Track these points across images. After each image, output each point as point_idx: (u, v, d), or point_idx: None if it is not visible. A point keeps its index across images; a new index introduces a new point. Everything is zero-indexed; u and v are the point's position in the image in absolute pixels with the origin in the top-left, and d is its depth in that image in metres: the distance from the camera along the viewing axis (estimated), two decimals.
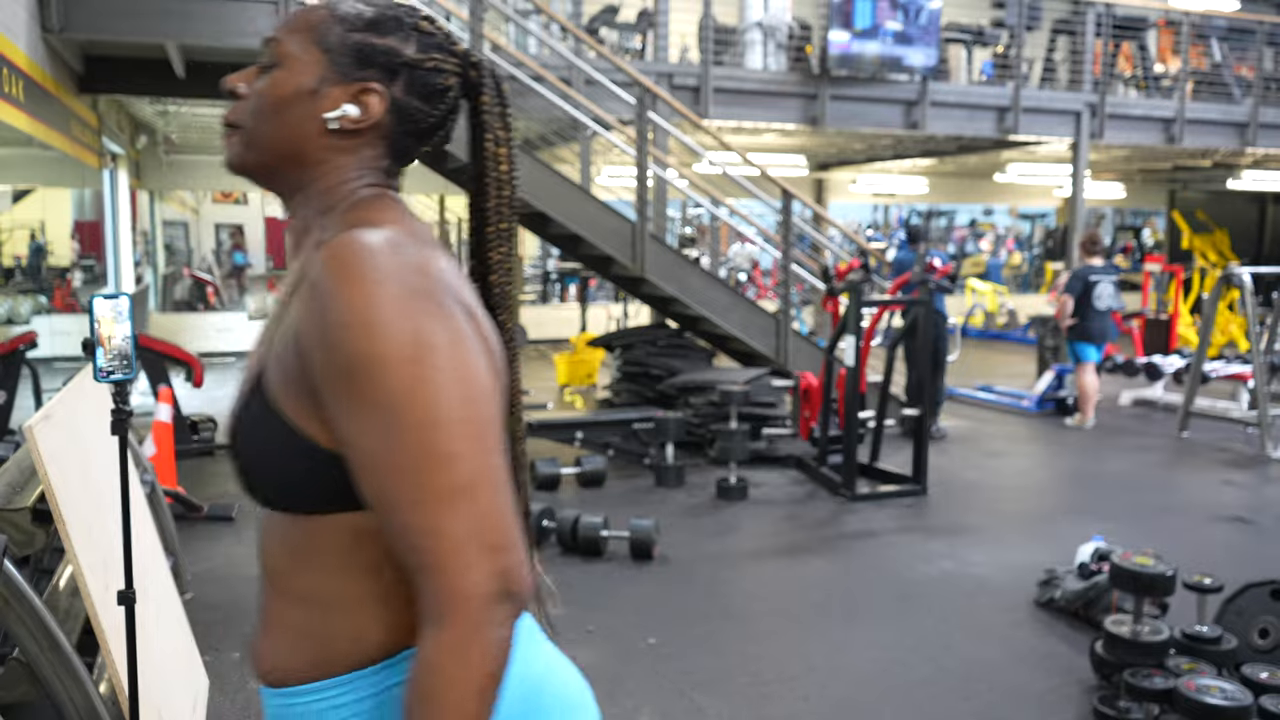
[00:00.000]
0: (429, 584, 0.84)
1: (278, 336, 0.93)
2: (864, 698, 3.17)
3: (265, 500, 0.97)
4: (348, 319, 0.84)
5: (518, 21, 7.51)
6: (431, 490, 0.84)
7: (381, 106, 0.99)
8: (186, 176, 12.39)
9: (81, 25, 5.48)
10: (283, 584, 0.96)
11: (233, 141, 1.02)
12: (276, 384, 0.91)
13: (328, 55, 0.99)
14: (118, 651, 2.13)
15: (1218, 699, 2.58)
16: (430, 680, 0.83)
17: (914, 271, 6.57)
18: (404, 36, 1.00)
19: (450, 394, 0.85)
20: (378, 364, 0.83)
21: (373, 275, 0.85)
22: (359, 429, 0.85)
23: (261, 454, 0.93)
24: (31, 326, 9.18)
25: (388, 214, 0.97)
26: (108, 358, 1.96)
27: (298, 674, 0.95)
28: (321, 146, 0.99)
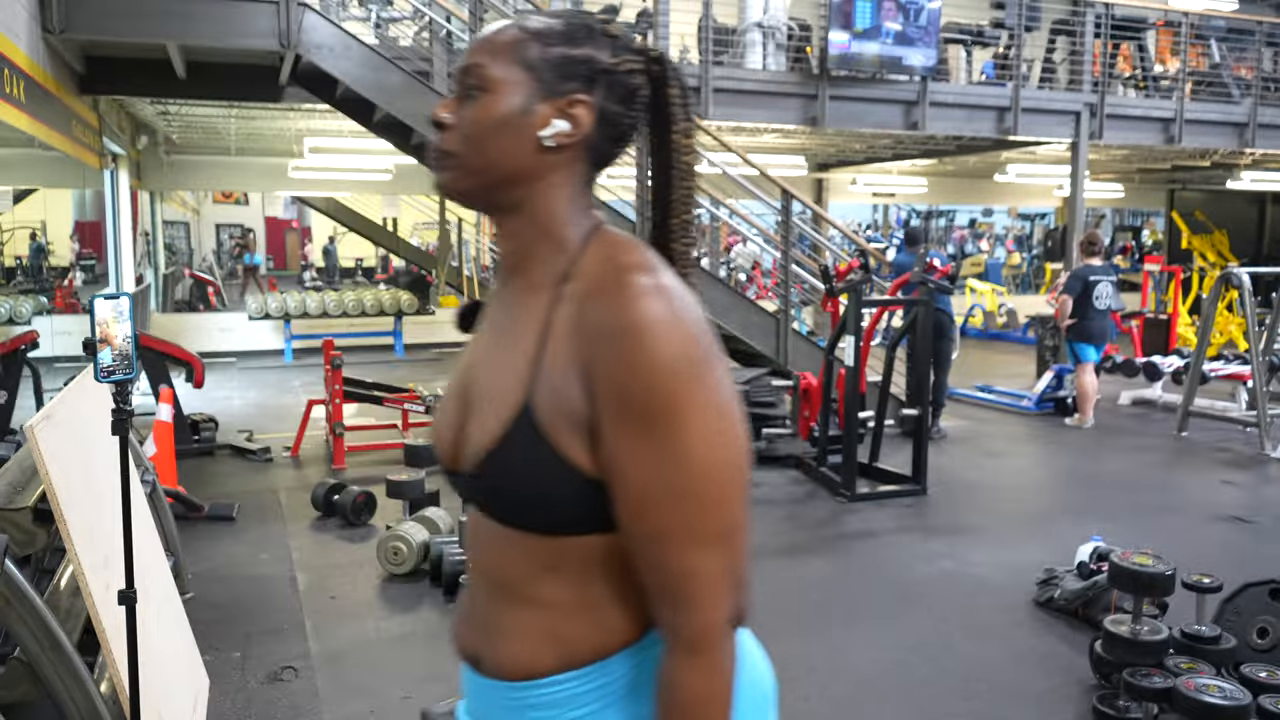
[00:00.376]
0: (682, 615, 0.95)
1: (546, 370, 0.97)
2: (864, 698, 3.18)
3: (516, 520, 1.01)
4: (653, 371, 0.90)
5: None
6: (701, 532, 0.93)
7: (590, 117, 1.01)
8: (187, 177, 12.38)
9: (82, 26, 5.49)
10: (522, 593, 1.03)
11: (447, 169, 1.03)
12: (549, 414, 0.96)
13: (531, 73, 1.00)
14: (118, 651, 2.14)
15: (1217, 698, 2.59)
16: (694, 701, 0.95)
17: (913, 272, 6.57)
18: (597, 44, 1.03)
19: (729, 449, 0.94)
20: (679, 416, 0.91)
21: (670, 329, 0.91)
22: (642, 466, 0.92)
23: (526, 479, 0.98)
24: (32, 326, 9.18)
25: (645, 255, 0.99)
26: (108, 358, 1.96)
27: (540, 669, 1.03)
28: (537, 164, 1.01)
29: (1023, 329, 13.31)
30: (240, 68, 6.84)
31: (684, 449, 0.92)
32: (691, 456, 0.92)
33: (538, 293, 1.02)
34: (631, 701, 1.03)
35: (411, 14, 7.84)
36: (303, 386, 9.28)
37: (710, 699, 0.96)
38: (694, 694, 0.95)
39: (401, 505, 4.76)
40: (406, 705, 3.09)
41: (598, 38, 1.03)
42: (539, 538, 1.00)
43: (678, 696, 0.96)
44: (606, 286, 0.95)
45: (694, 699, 0.95)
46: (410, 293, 12.41)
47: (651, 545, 0.95)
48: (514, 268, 1.06)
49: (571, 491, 0.97)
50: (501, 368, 1.02)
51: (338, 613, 3.86)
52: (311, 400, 6.64)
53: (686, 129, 1.08)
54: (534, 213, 1.03)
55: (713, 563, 0.94)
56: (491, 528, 1.05)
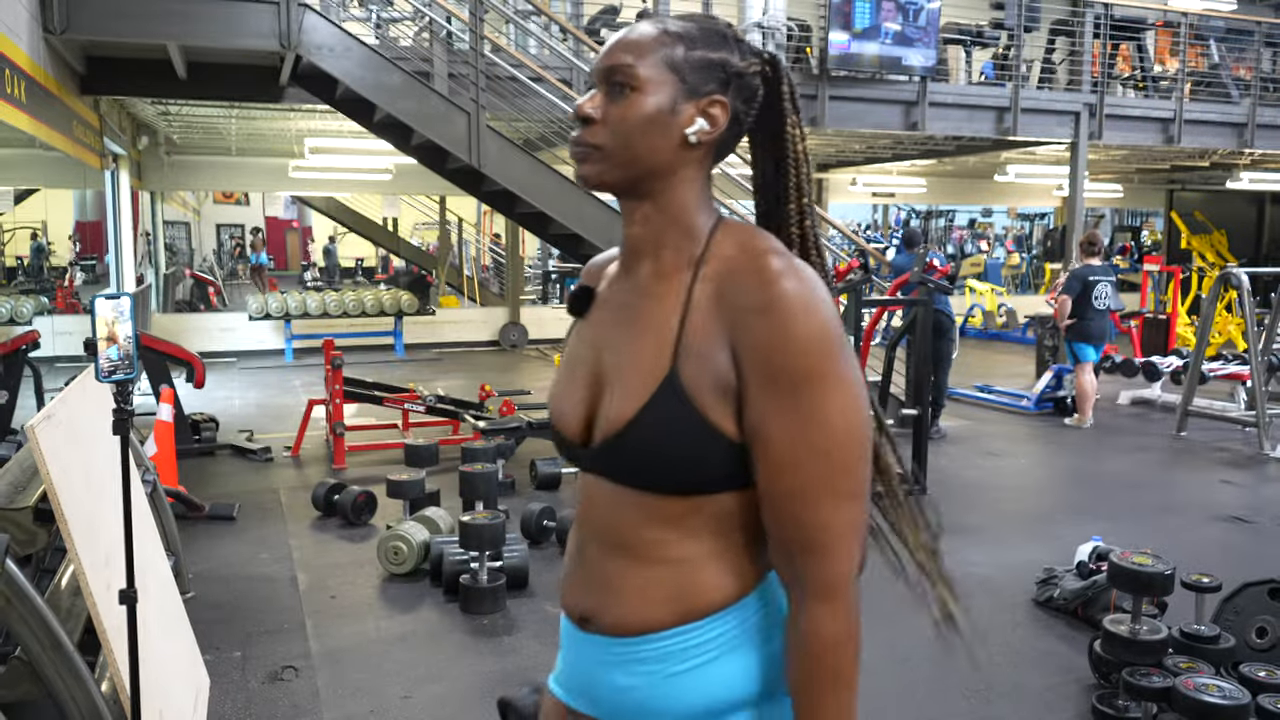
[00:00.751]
0: (818, 565, 1.04)
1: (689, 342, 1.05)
2: (864, 698, 3.16)
3: (656, 483, 1.08)
4: (798, 345, 1.00)
5: (517, 23, 7.52)
6: (837, 489, 1.03)
7: (726, 117, 1.10)
8: (187, 177, 12.39)
9: (83, 26, 5.49)
10: (646, 553, 1.10)
11: (593, 161, 1.10)
12: (693, 382, 1.04)
13: (676, 74, 1.07)
14: (119, 650, 2.14)
15: (1216, 698, 2.59)
16: (832, 644, 1.05)
17: (913, 272, 6.58)
18: (729, 48, 1.11)
19: (861, 416, 1.05)
20: (820, 387, 1.01)
21: (812, 307, 1.01)
22: (788, 429, 1.02)
23: (672, 441, 1.05)
24: (33, 326, 9.19)
25: (775, 242, 1.09)
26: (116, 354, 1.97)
27: (656, 624, 1.10)
28: (677, 159, 1.10)
29: (1022, 329, 13.31)
30: (240, 68, 6.85)
31: (825, 414, 1.01)
32: (831, 421, 1.01)
33: (671, 276, 1.10)
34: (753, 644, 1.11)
35: (411, 14, 7.85)
36: (303, 386, 9.28)
37: (846, 640, 1.06)
38: (831, 637, 1.05)
39: (401, 505, 4.77)
40: (406, 705, 3.10)
41: (730, 42, 1.11)
42: (671, 498, 1.08)
43: (815, 641, 1.05)
44: (745, 267, 1.04)
45: (831, 642, 1.05)
46: (410, 293, 12.41)
47: (791, 501, 1.03)
48: (641, 254, 1.14)
49: (714, 452, 1.05)
50: (638, 344, 1.09)
51: (338, 613, 3.87)
52: (312, 400, 6.65)
53: (796, 121, 1.17)
54: (667, 202, 1.11)
55: (845, 517, 1.04)
56: (615, 494, 1.11)
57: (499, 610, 3.84)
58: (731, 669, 1.10)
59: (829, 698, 1.07)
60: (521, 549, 4.19)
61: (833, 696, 1.07)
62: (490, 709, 3.08)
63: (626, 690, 1.14)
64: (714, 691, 1.11)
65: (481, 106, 6.22)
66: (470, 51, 6.43)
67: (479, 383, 7.65)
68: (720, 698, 1.11)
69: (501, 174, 6.30)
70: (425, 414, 6.65)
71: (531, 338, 12.67)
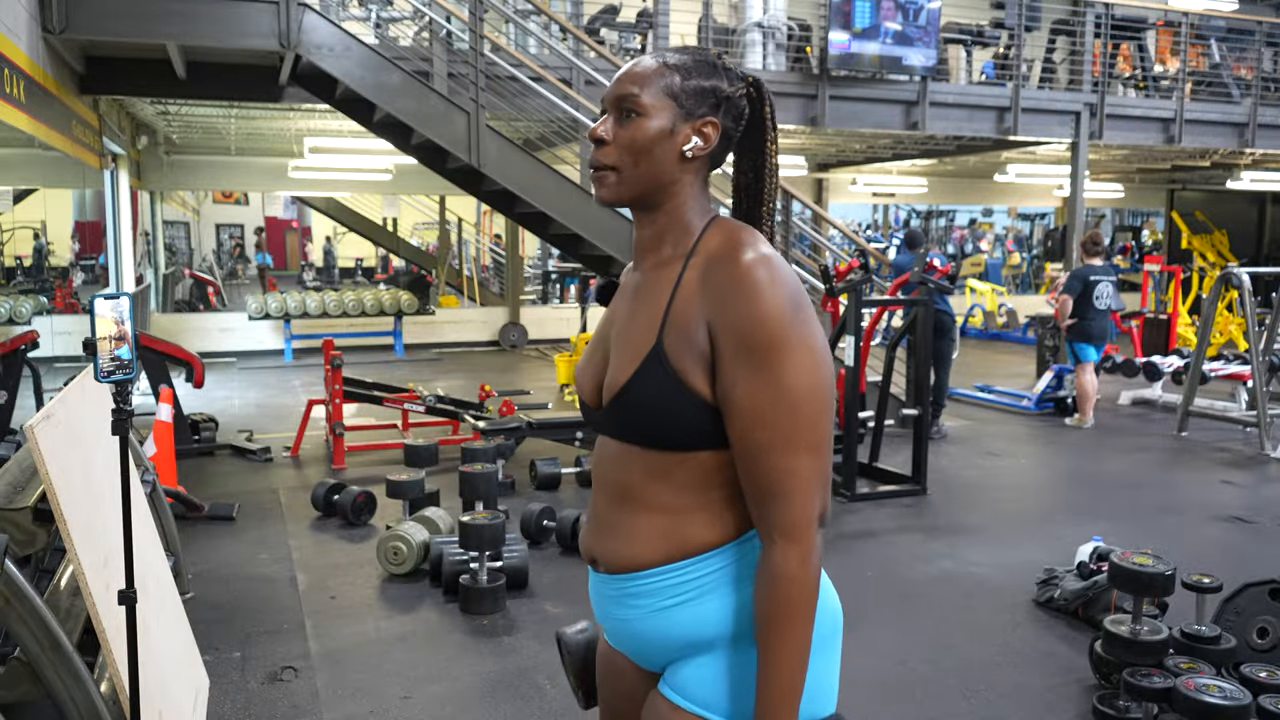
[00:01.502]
0: (782, 509, 1.20)
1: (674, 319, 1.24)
2: (864, 697, 3.18)
3: (646, 439, 1.27)
4: (761, 317, 1.18)
5: (517, 22, 7.52)
6: (797, 441, 1.19)
7: (717, 134, 1.30)
8: (187, 177, 12.38)
9: (83, 26, 5.49)
10: (642, 500, 1.30)
11: (608, 184, 1.31)
12: (675, 351, 1.23)
13: (674, 100, 1.28)
14: (118, 651, 2.14)
15: (1216, 698, 2.59)
16: (786, 579, 1.19)
17: (913, 272, 6.57)
18: (719, 76, 1.31)
19: (820, 376, 1.21)
20: (781, 352, 1.18)
21: (776, 287, 1.19)
22: (753, 394, 1.19)
23: (656, 403, 1.24)
24: (32, 326, 9.18)
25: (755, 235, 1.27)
26: (108, 358, 1.96)
27: (648, 561, 1.30)
28: (677, 171, 1.30)
29: (1023, 329, 13.31)
30: (240, 68, 6.84)
31: (786, 376, 1.18)
32: (791, 381, 1.18)
33: (668, 265, 1.31)
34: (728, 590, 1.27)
35: (411, 14, 7.84)
36: (303, 386, 9.28)
37: (801, 581, 1.19)
38: (788, 575, 1.19)
39: (401, 505, 4.76)
40: (406, 705, 3.10)
41: (719, 71, 1.31)
42: (660, 453, 1.27)
43: (776, 577, 1.20)
44: (724, 256, 1.23)
45: (788, 579, 1.19)
46: (410, 293, 12.41)
47: (759, 453, 1.20)
48: (648, 250, 1.35)
49: (692, 413, 1.23)
50: (638, 322, 1.30)
51: (338, 613, 3.86)
52: (311, 400, 6.64)
53: (773, 137, 1.36)
54: (670, 208, 1.32)
55: (806, 465, 1.20)
56: (619, 450, 1.32)
57: (499, 610, 3.84)
58: (709, 609, 1.27)
59: (784, 629, 1.20)
60: (521, 549, 4.18)
61: (787, 628, 1.20)
62: (490, 709, 3.08)
63: (625, 622, 1.34)
64: (694, 627, 1.28)
65: (481, 106, 6.22)
66: (470, 51, 6.43)
67: (479, 383, 7.65)
68: (699, 633, 1.28)
69: (501, 174, 6.30)
70: (425, 414, 6.64)
71: (531, 338, 12.66)
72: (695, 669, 1.30)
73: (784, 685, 1.20)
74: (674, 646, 1.31)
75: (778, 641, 1.20)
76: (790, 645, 1.20)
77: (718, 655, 1.29)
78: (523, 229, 9.84)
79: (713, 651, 1.29)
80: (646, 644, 1.34)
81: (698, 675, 1.29)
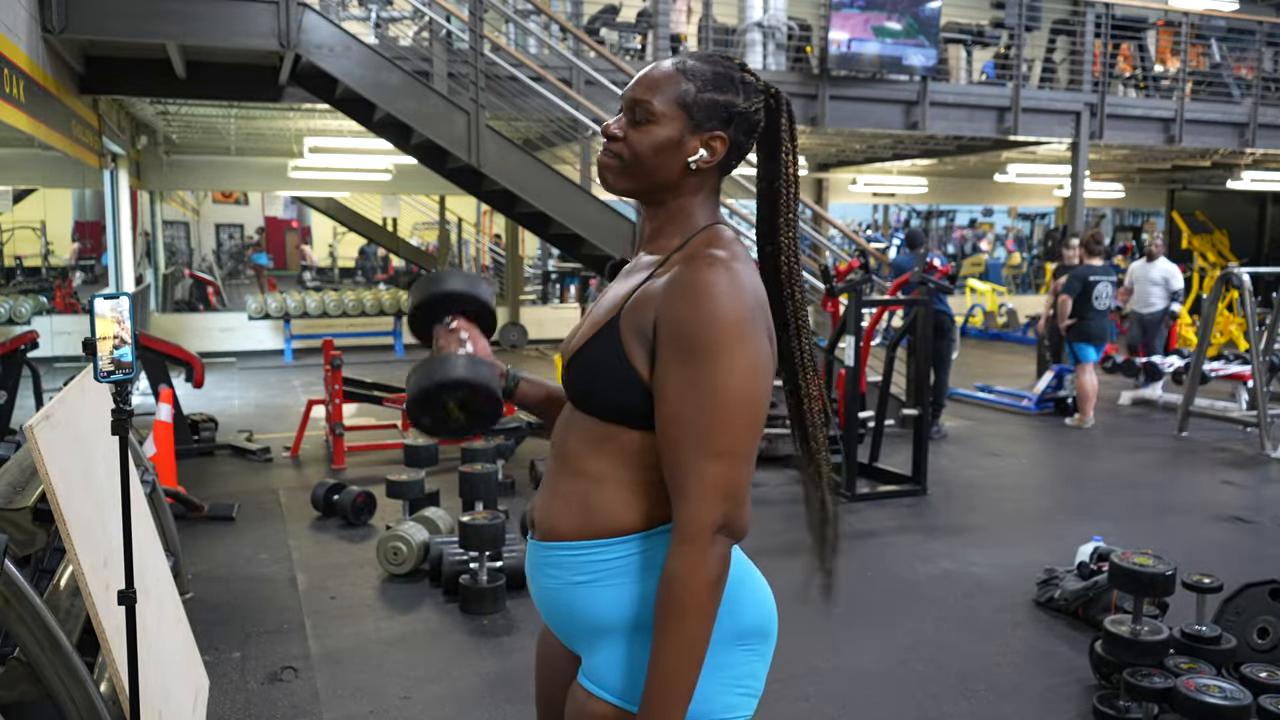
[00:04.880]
0: (682, 508, 1.22)
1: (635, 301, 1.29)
2: (864, 697, 3.18)
3: (587, 404, 1.32)
4: (702, 318, 1.21)
5: (517, 22, 7.51)
6: (707, 446, 1.21)
7: (724, 149, 1.33)
8: (187, 177, 12.37)
9: (82, 26, 5.48)
10: (574, 465, 1.34)
11: (614, 170, 1.36)
12: (628, 329, 1.28)
13: (685, 111, 1.31)
14: (118, 651, 2.13)
15: (1217, 698, 2.59)
16: (675, 579, 1.21)
17: (913, 272, 6.57)
18: (735, 90, 1.32)
19: (750, 388, 1.22)
20: (711, 355, 1.20)
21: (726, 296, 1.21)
22: (676, 389, 1.22)
23: (599, 370, 1.30)
24: (32, 326, 9.18)
25: (735, 246, 1.30)
26: (108, 358, 1.96)
27: (566, 533, 1.34)
28: (681, 179, 1.34)
29: (1023, 329, 13.30)
30: (240, 68, 6.84)
31: (712, 380, 1.20)
32: (712, 386, 1.20)
33: (656, 255, 1.36)
34: (635, 578, 1.30)
35: (411, 14, 7.84)
36: (303, 386, 9.28)
37: (689, 582, 1.20)
38: (677, 575, 1.20)
39: (401, 505, 4.76)
40: (406, 705, 3.10)
41: (737, 85, 1.33)
42: (600, 422, 1.31)
43: (668, 575, 1.21)
44: (695, 259, 1.27)
45: (677, 580, 1.20)
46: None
47: (673, 447, 1.23)
48: (647, 240, 1.40)
49: (628, 387, 1.27)
50: (613, 299, 1.35)
51: (338, 613, 3.86)
52: (311, 400, 6.64)
53: (790, 148, 1.38)
54: (673, 208, 1.36)
55: (712, 470, 1.21)
56: (570, 414, 1.37)
57: (499, 610, 3.84)
58: (616, 593, 1.30)
59: (669, 627, 1.21)
60: (521, 549, 4.18)
61: (673, 627, 1.21)
62: (490, 709, 3.08)
63: (545, 590, 1.38)
64: (601, 609, 1.31)
65: (481, 106, 6.21)
66: (470, 51, 6.43)
67: None
68: (605, 616, 1.31)
69: (501, 174, 6.29)
70: None
71: (531, 338, 12.65)
72: (605, 656, 1.32)
73: (667, 683, 1.21)
74: (584, 625, 1.33)
75: (663, 639, 1.21)
76: (675, 644, 1.20)
77: (625, 642, 1.30)
78: (523, 229, 9.84)
79: (620, 638, 1.31)
80: (563, 618, 1.36)
81: (607, 662, 1.31)
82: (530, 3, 7.43)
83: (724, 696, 1.30)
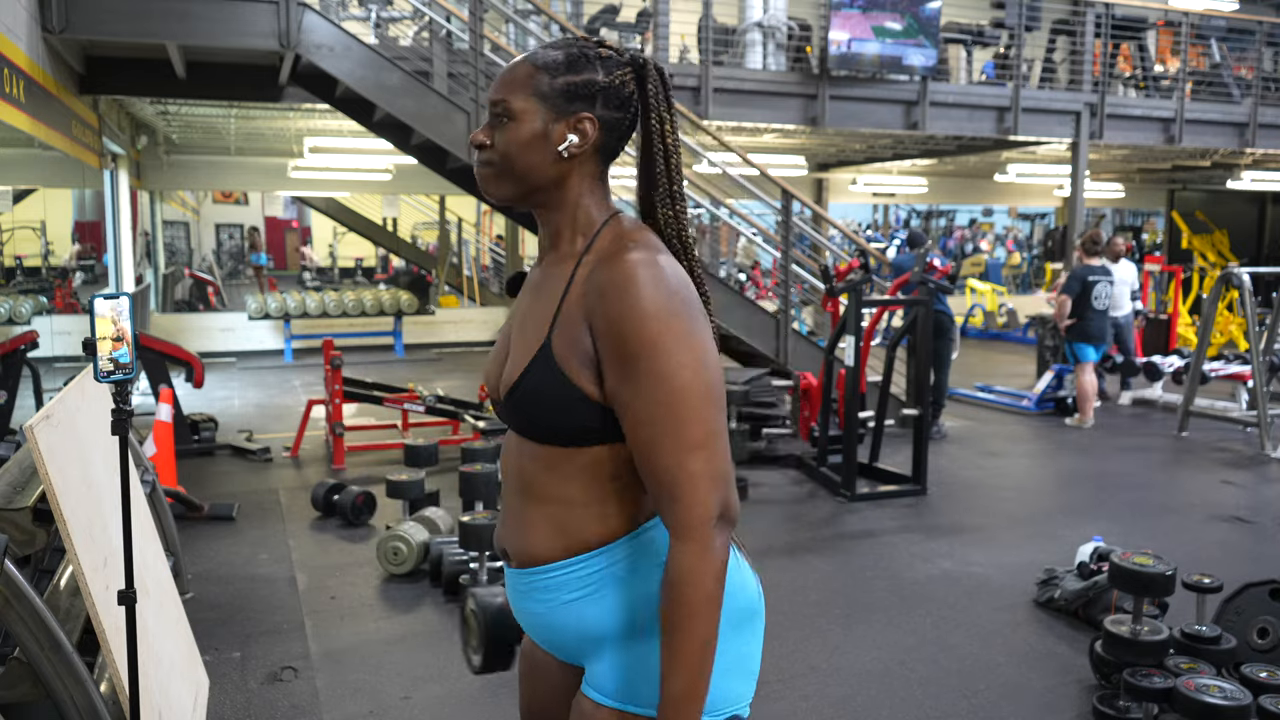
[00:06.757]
0: (676, 509, 1.19)
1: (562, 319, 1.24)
2: (864, 697, 3.18)
3: (537, 435, 1.29)
4: (638, 317, 1.17)
5: (517, 22, 7.51)
6: (684, 441, 1.18)
7: (595, 128, 1.28)
8: (187, 177, 12.37)
9: (82, 26, 5.49)
10: (538, 492, 1.31)
11: (490, 178, 1.32)
12: (562, 352, 1.24)
13: (544, 101, 1.27)
14: (118, 651, 2.13)
15: (1217, 698, 2.59)
16: (682, 579, 1.18)
17: (913, 272, 6.57)
18: (593, 67, 1.28)
19: (702, 375, 1.19)
20: (659, 351, 1.17)
21: (652, 288, 1.18)
22: (636, 394, 1.19)
23: (544, 401, 1.25)
24: (32, 326, 9.17)
25: (646, 235, 1.28)
26: (107, 358, 1.96)
27: (547, 556, 1.31)
28: (558, 170, 1.29)
29: (1023, 329, 13.30)
30: (240, 68, 6.84)
31: (665, 375, 1.17)
32: (670, 381, 1.17)
33: (564, 263, 1.31)
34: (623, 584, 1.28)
35: (411, 14, 7.84)
36: (303, 386, 9.28)
37: (699, 579, 1.18)
38: (684, 575, 1.18)
39: (401, 505, 4.76)
40: (406, 705, 3.10)
41: (594, 62, 1.29)
42: (549, 447, 1.28)
43: (671, 574, 1.19)
44: (609, 256, 1.23)
45: (682, 580, 1.18)
46: (410, 293, 12.40)
47: (648, 453, 1.20)
48: (548, 246, 1.35)
49: (580, 410, 1.24)
50: (533, 320, 1.30)
51: (338, 613, 3.86)
52: (311, 400, 6.64)
53: (663, 116, 1.32)
54: (560, 204, 1.32)
55: (696, 464, 1.18)
56: (519, 442, 1.34)
57: None
58: (610, 602, 1.29)
59: (684, 629, 1.19)
60: None
61: (691, 623, 1.18)
62: (490, 709, 3.08)
63: (537, 615, 1.35)
64: (599, 620, 1.29)
65: (481, 106, 6.21)
66: (470, 51, 6.43)
67: (479, 383, 7.64)
68: (604, 626, 1.29)
69: None
70: (425, 414, 6.64)
71: None
72: (608, 664, 1.30)
73: (687, 685, 1.19)
74: (585, 639, 1.31)
75: (680, 638, 1.19)
76: (693, 641, 1.19)
77: (626, 647, 1.29)
78: (523, 229, 9.85)
79: (621, 643, 1.29)
80: (560, 637, 1.35)
81: (611, 670, 1.30)
82: (530, 3, 7.43)
83: (727, 681, 1.30)
